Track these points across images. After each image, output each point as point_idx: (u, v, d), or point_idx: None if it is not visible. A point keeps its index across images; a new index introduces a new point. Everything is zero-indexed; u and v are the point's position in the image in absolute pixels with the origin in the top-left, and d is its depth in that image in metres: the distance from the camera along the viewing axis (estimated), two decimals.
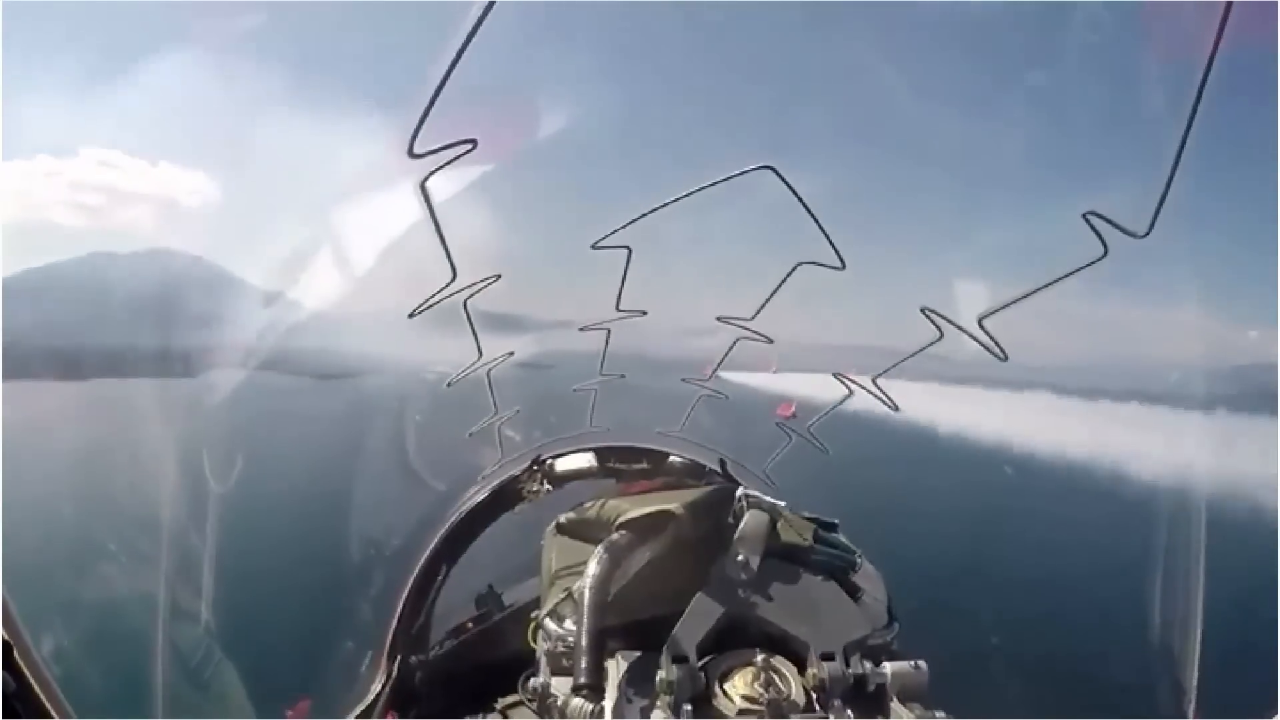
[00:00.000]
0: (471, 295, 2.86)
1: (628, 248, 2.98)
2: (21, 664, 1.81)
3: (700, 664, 2.33)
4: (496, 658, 3.88)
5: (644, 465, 4.05)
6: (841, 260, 2.86)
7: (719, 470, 3.97)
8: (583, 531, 2.99)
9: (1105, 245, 2.16)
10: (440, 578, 4.20)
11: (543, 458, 4.13)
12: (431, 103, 2.12)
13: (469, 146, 2.26)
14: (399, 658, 3.96)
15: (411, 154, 2.15)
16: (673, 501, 2.74)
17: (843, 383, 3.31)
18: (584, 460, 4.12)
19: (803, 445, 3.64)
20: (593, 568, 2.53)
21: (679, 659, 2.29)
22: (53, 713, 1.88)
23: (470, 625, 4.29)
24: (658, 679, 2.26)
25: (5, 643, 1.77)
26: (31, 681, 1.83)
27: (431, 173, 2.28)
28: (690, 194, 2.82)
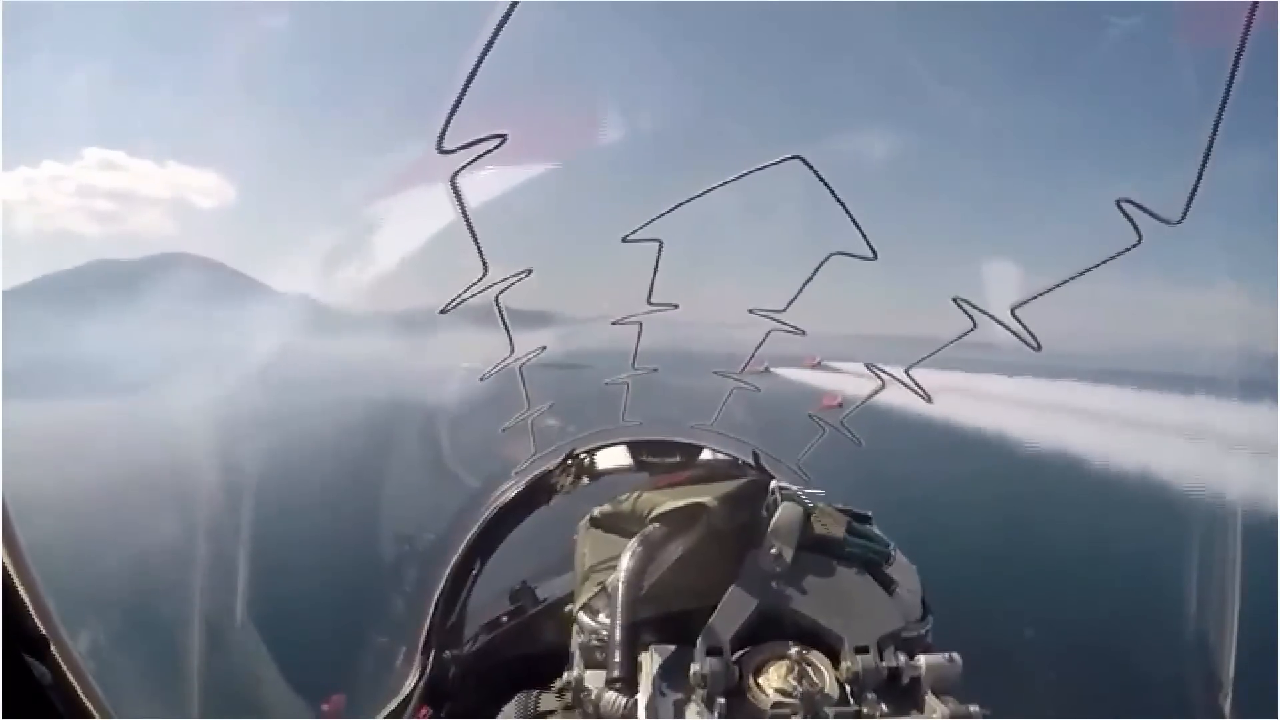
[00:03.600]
0: (503, 290, 2.86)
1: (659, 240, 2.97)
2: (59, 659, 1.83)
3: (734, 657, 2.32)
4: (531, 652, 3.90)
5: (677, 459, 4.04)
6: (873, 250, 2.83)
7: (752, 463, 3.95)
8: (616, 525, 2.99)
9: (1139, 232, 2.13)
10: (474, 572, 4.22)
11: (576, 451, 4.14)
12: (460, 98, 2.12)
13: (498, 141, 2.26)
14: (433, 653, 3.98)
15: (441, 149, 2.16)
16: (706, 495, 2.74)
17: (875, 374, 3.29)
18: (617, 454, 4.12)
19: (838, 439, 3.61)
20: (626, 561, 2.53)
21: (713, 652, 2.28)
22: (91, 710, 1.90)
23: (504, 620, 4.31)
24: (691, 672, 2.25)
25: (42, 638, 1.79)
26: (68, 675, 1.85)
27: (461, 168, 2.28)
28: (720, 186, 2.81)
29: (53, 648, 1.80)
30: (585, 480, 4.12)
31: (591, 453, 4.15)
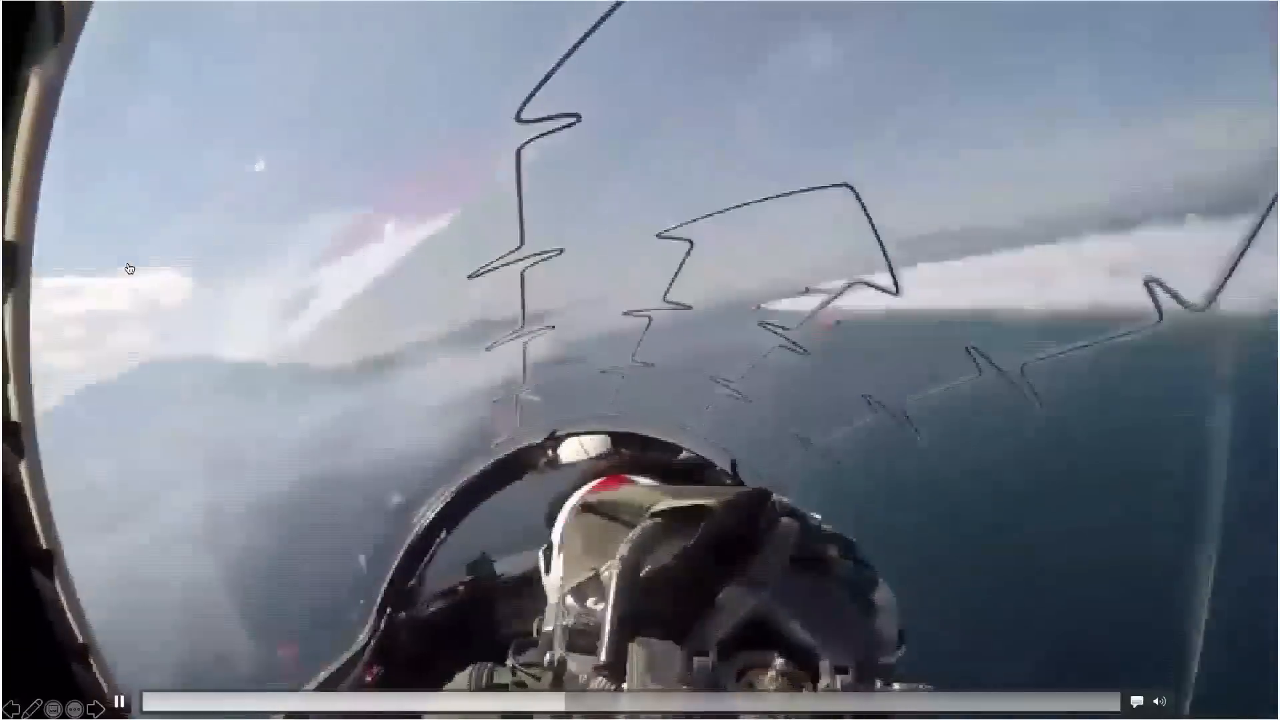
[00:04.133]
0: (532, 265, 2.87)
1: (690, 241, 3.00)
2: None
3: (719, 661, 2.35)
4: (484, 623, 3.91)
5: (655, 454, 4.07)
6: (897, 286, 2.89)
7: (729, 471, 4.01)
8: (610, 513, 3.01)
9: (1161, 313, 2.21)
10: (439, 540, 4.21)
11: (558, 433, 4.15)
12: (548, 76, 2.14)
13: (573, 120, 2.28)
14: (387, 613, 3.97)
15: (519, 119, 2.17)
16: (708, 497, 2.77)
17: (870, 405, 3.37)
18: (598, 442, 4.14)
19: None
20: (625, 551, 2.54)
21: (699, 653, 2.31)
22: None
23: (460, 589, 4.30)
24: (677, 669, 2.28)
25: (46, 552, 1.75)
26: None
27: (529, 140, 2.30)
28: (763, 200, 2.85)
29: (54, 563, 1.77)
30: (564, 462, 4.13)
31: (574, 436, 4.16)
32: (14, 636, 1.54)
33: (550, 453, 4.14)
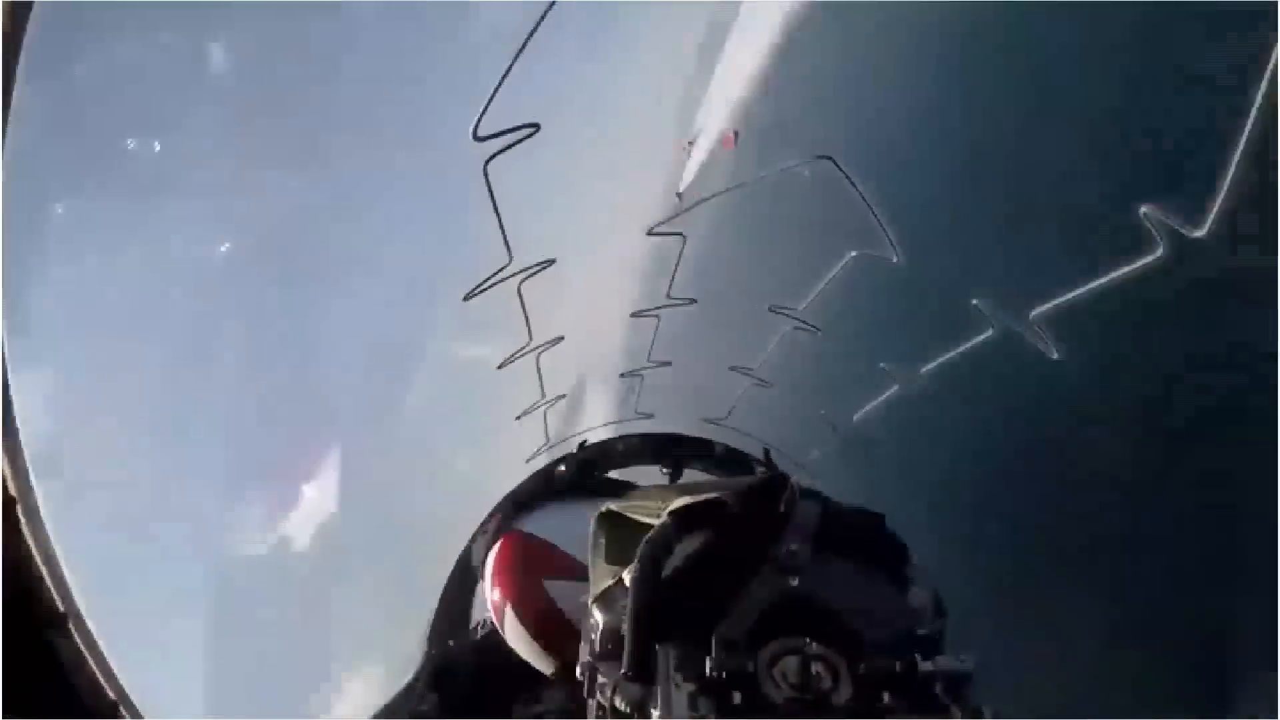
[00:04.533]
0: (526, 279, 2.88)
1: (682, 235, 2.97)
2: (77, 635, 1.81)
3: (749, 652, 2.32)
4: None
5: (689, 452, 4.05)
6: (897, 253, 2.84)
7: (762, 460, 3.96)
8: (630, 518, 2.99)
9: (1162, 243, 2.13)
10: (483, 563, 4.22)
11: (587, 443, 4.15)
12: (496, 89, 2.14)
13: (531, 130, 2.27)
14: (440, 640, 4.00)
15: (476, 137, 2.17)
16: (723, 489, 2.73)
17: (889, 375, 3.30)
18: (629, 446, 4.13)
19: None
20: (642, 554, 2.52)
21: (728, 646, 2.28)
22: (107, 691, 1.89)
23: None
24: (706, 666, 2.25)
25: (61, 614, 1.78)
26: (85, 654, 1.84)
27: (494, 155, 2.30)
28: (746, 184, 2.82)
29: (70, 624, 1.80)
30: (597, 472, 4.12)
31: (603, 445, 4.16)
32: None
33: (584, 464, 4.15)
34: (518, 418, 3.85)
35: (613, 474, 4.15)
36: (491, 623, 4.23)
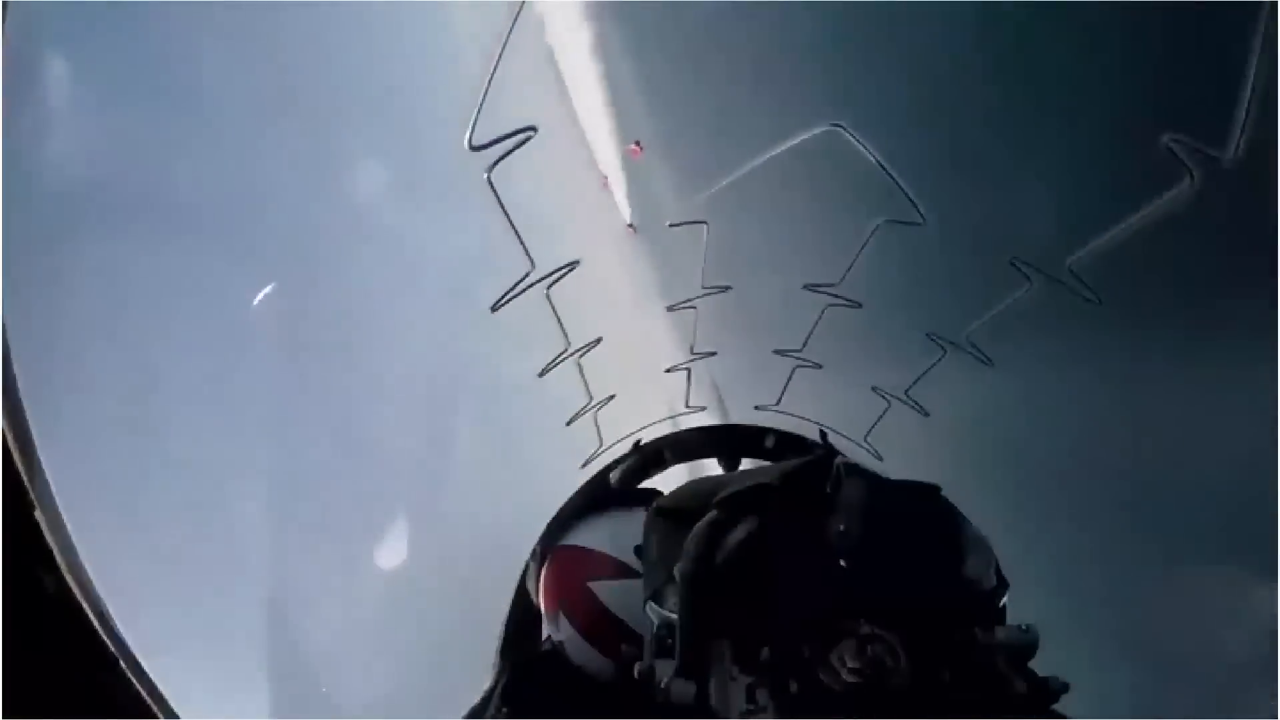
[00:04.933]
0: (553, 284, 2.87)
1: (704, 222, 2.94)
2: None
3: (804, 638, 2.27)
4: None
5: (744, 442, 4.01)
6: (922, 215, 2.76)
7: (820, 442, 3.89)
8: (681, 512, 2.97)
9: (1192, 172, 2.03)
10: None
11: (642, 442, 4.13)
12: (485, 95, 2.14)
13: (529, 134, 2.26)
14: (511, 654, 4.02)
15: (472, 147, 2.17)
16: (768, 474, 2.69)
17: (936, 342, 3.21)
18: (685, 442, 4.10)
19: None
20: (691, 548, 2.50)
21: (782, 634, 2.24)
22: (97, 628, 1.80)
23: None
24: (762, 655, 2.22)
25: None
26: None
27: (495, 162, 2.30)
28: (755, 165, 2.77)
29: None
30: (653, 471, 4.10)
31: (658, 442, 4.13)
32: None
33: (640, 463, 4.13)
34: (568, 423, 3.85)
35: (673, 468, 4.14)
36: (553, 639, 4.26)
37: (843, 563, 2.49)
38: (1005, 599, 2.60)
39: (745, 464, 4.00)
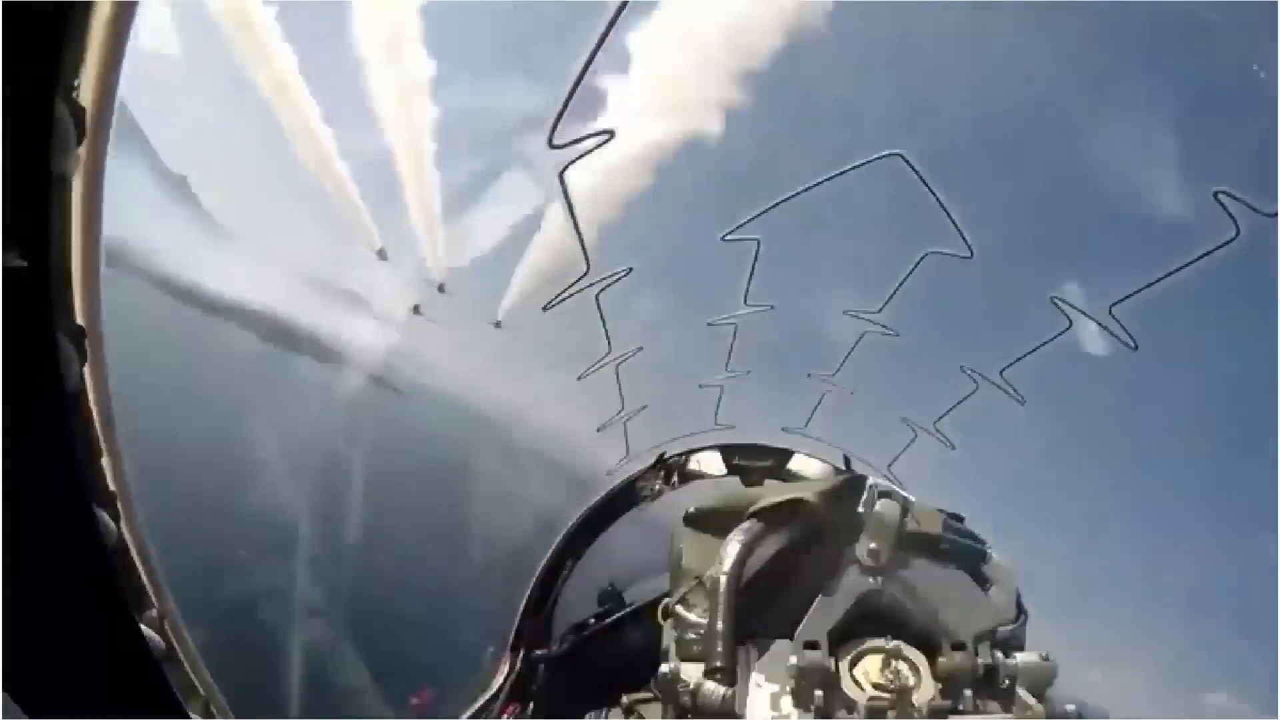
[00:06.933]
0: (604, 289, 2.93)
1: (757, 240, 2.99)
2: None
3: (831, 651, 2.32)
4: (619, 653, 3.92)
5: (768, 463, 4.04)
6: (970, 248, 2.81)
7: (843, 467, 3.93)
8: (713, 521, 3.00)
9: (1238, 225, 2.09)
10: (564, 574, 4.27)
11: (667, 456, 4.17)
12: (571, 94, 2.19)
13: (606, 137, 2.32)
14: (521, 652, 4.04)
15: (551, 144, 2.23)
16: (804, 491, 2.74)
17: (970, 376, 3.25)
18: (708, 458, 4.13)
19: None
20: (727, 554, 2.55)
21: (810, 646, 2.29)
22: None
23: (592, 622, 4.33)
24: (788, 665, 2.27)
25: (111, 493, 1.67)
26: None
27: (570, 163, 2.35)
28: (817, 185, 2.82)
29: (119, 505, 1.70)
30: (675, 484, 4.13)
31: (682, 456, 4.17)
32: None
33: (664, 476, 4.16)
34: (599, 430, 3.89)
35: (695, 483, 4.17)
36: (569, 636, 4.28)
37: (871, 580, 2.55)
38: (1024, 626, 2.65)
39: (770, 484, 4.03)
